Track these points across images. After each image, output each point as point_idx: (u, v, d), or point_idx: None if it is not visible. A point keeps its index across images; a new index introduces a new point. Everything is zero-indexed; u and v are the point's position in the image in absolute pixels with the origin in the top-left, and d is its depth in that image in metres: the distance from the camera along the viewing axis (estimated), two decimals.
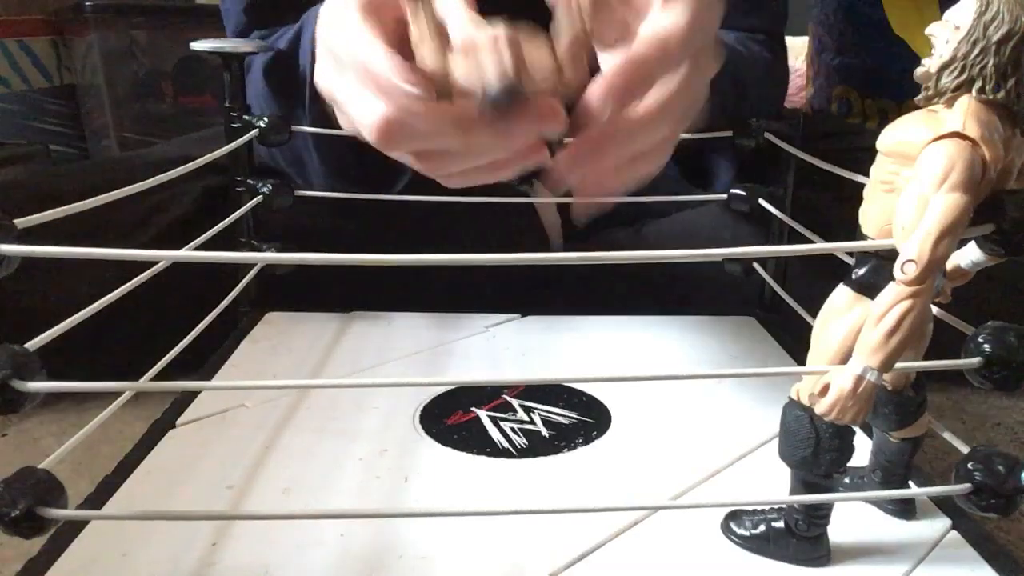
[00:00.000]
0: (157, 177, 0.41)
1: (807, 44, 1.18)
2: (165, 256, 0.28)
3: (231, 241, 0.57)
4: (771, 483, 0.35)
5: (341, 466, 0.41)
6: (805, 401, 0.31)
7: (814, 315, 0.32)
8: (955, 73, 0.27)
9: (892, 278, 0.27)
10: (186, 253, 0.32)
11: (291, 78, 0.58)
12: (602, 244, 0.67)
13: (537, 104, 0.32)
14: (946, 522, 0.36)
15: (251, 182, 0.58)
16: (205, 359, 0.52)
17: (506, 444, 0.43)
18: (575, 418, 0.46)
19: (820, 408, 0.29)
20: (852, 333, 0.29)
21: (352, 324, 0.60)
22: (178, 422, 0.44)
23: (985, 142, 0.26)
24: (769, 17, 0.71)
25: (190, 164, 0.45)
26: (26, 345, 0.27)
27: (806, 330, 0.33)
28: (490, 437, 0.44)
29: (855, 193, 0.31)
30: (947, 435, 0.33)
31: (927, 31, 0.28)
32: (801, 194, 0.57)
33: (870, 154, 0.30)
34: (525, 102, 0.31)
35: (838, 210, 0.39)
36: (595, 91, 0.33)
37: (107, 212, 0.37)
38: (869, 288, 0.30)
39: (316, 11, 0.42)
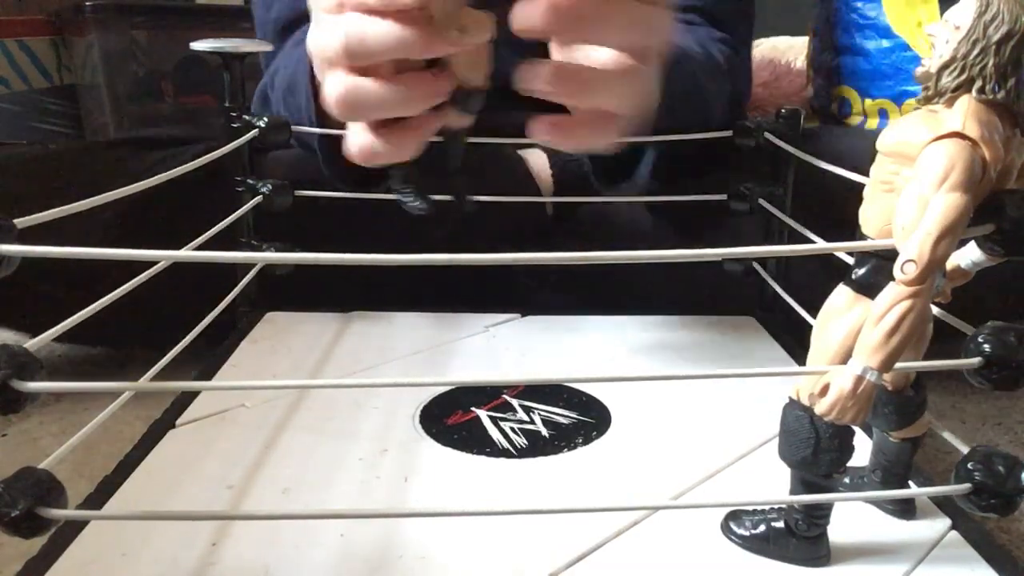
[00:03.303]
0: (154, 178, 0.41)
1: (807, 44, 1.18)
2: (165, 256, 0.28)
3: (231, 241, 0.57)
4: (771, 483, 0.35)
5: (341, 466, 0.41)
6: (805, 401, 0.31)
7: (814, 315, 0.32)
8: (955, 73, 0.27)
9: (892, 278, 0.27)
10: (186, 253, 0.32)
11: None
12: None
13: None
14: (946, 522, 0.36)
15: (251, 182, 0.58)
16: (205, 359, 0.52)
17: (506, 444, 0.43)
18: (575, 418, 0.46)
19: (820, 408, 0.29)
20: (852, 333, 0.29)
21: (352, 324, 0.60)
22: (178, 422, 0.44)
23: (985, 142, 0.26)
24: (733, 14, 0.70)
25: (190, 164, 0.45)
26: (26, 345, 0.27)
27: (806, 330, 0.33)
28: (490, 437, 0.44)
29: None
30: (947, 435, 0.33)
31: (927, 31, 0.28)
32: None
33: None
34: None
35: None
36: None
37: None
38: (869, 288, 0.30)
39: None
